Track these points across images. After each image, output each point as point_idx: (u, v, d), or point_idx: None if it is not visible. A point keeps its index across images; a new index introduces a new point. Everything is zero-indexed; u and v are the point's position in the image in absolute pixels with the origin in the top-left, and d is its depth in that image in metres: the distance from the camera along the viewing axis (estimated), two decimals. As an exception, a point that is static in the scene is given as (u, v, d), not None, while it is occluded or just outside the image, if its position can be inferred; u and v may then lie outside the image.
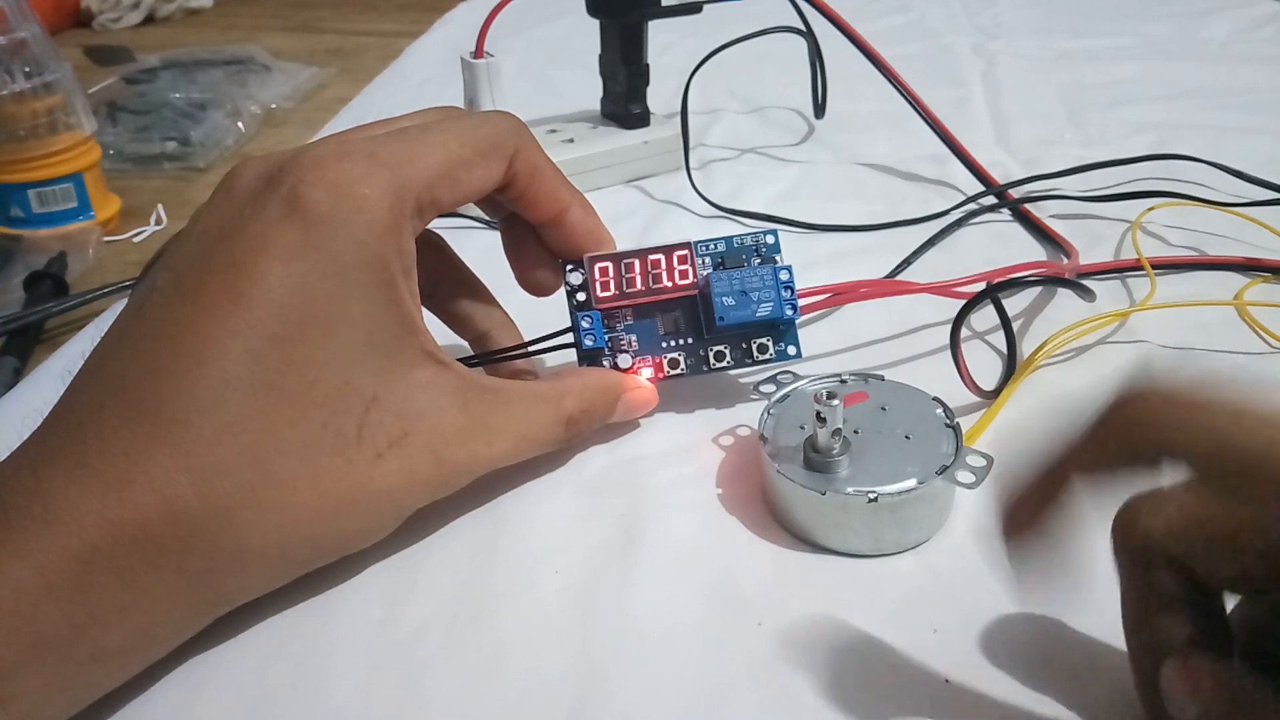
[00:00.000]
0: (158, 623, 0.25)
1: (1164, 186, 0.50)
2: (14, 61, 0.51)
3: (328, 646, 0.27)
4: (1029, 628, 0.27)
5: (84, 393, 0.26)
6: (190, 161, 0.64)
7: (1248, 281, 0.43)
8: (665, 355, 0.35)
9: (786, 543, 0.30)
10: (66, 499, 0.23)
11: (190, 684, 0.26)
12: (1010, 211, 0.51)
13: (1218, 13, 0.82)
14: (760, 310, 0.34)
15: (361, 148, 0.28)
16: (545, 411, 0.31)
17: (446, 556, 0.30)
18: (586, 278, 0.35)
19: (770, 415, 0.33)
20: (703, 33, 0.59)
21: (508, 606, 0.29)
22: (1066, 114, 0.64)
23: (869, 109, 0.64)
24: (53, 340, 0.45)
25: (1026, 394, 0.36)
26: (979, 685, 0.25)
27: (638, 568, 0.30)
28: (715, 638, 0.27)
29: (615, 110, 0.58)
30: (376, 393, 0.27)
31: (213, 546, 0.25)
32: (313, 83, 0.80)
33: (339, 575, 0.29)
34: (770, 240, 0.36)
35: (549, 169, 0.33)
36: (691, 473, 0.33)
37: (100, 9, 1.00)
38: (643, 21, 0.54)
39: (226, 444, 0.25)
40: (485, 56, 0.52)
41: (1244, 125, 0.60)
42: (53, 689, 0.23)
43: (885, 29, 0.78)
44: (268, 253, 0.26)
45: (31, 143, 0.52)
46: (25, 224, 0.54)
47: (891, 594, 0.28)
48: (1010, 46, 0.77)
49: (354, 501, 0.27)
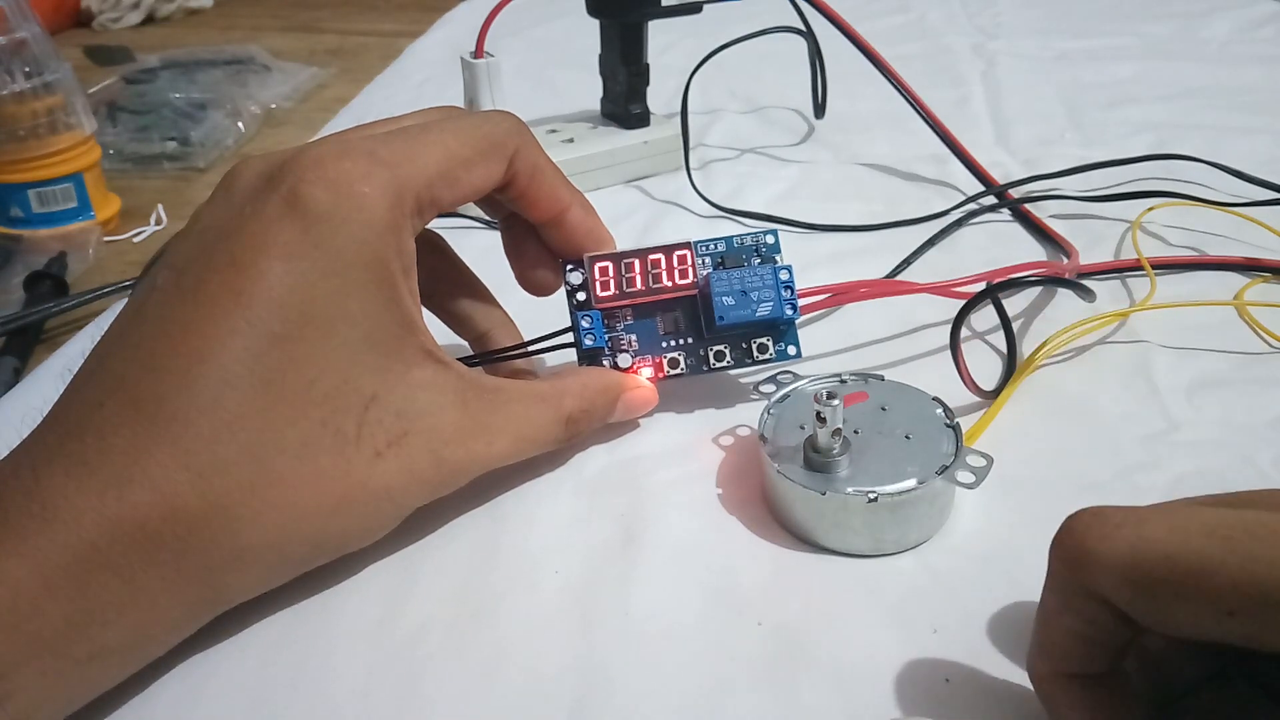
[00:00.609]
0: (156, 621, 0.25)
1: (1164, 186, 0.50)
2: (14, 61, 0.51)
3: (328, 646, 0.27)
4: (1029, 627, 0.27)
5: (84, 391, 0.26)
6: (190, 161, 0.64)
7: (1248, 281, 0.43)
8: (665, 355, 0.35)
9: (786, 543, 0.30)
10: (65, 497, 0.23)
11: (190, 683, 0.26)
12: (1010, 211, 0.51)
13: (1218, 13, 0.82)
14: (760, 310, 0.34)
15: (361, 146, 0.28)
16: (545, 411, 0.31)
17: (446, 556, 0.30)
18: (586, 277, 0.35)
19: (770, 415, 0.33)
20: (703, 33, 0.59)
21: (508, 606, 0.29)
22: (1066, 114, 0.64)
23: (869, 109, 0.64)
24: (53, 340, 0.45)
25: (1026, 394, 0.36)
26: (979, 685, 0.25)
27: (638, 568, 0.30)
28: (715, 638, 0.27)
29: (615, 110, 0.58)
30: (376, 391, 0.27)
31: (212, 545, 0.25)
32: (313, 83, 0.80)
33: (339, 575, 0.29)
34: (770, 240, 0.36)
35: (549, 169, 0.33)
36: (691, 473, 0.33)
37: (100, 9, 1.00)
38: (643, 21, 0.54)
39: (226, 442, 0.25)
40: (485, 56, 0.52)
41: (1244, 125, 0.60)
42: (51, 687, 0.23)
43: (885, 29, 0.78)
44: (268, 251, 0.26)
45: (31, 143, 0.52)
46: (25, 224, 0.54)
47: (891, 594, 0.28)
48: (1010, 46, 0.77)
49: (353, 500, 0.27)
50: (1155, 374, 0.37)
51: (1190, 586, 0.18)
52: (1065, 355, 0.39)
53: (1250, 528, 0.18)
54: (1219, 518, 0.19)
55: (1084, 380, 0.37)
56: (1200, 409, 0.35)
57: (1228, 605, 0.18)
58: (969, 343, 0.40)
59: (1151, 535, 0.19)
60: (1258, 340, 0.39)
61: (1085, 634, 0.21)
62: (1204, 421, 0.35)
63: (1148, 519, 0.20)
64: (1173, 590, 0.19)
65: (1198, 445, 0.34)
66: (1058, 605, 0.22)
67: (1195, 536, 0.19)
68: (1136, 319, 0.41)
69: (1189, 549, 0.19)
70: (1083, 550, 0.20)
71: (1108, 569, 0.20)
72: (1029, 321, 0.41)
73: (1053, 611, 0.22)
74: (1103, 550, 0.20)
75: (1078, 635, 0.21)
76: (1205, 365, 0.38)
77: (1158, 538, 0.19)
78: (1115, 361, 0.38)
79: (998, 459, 0.30)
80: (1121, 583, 0.19)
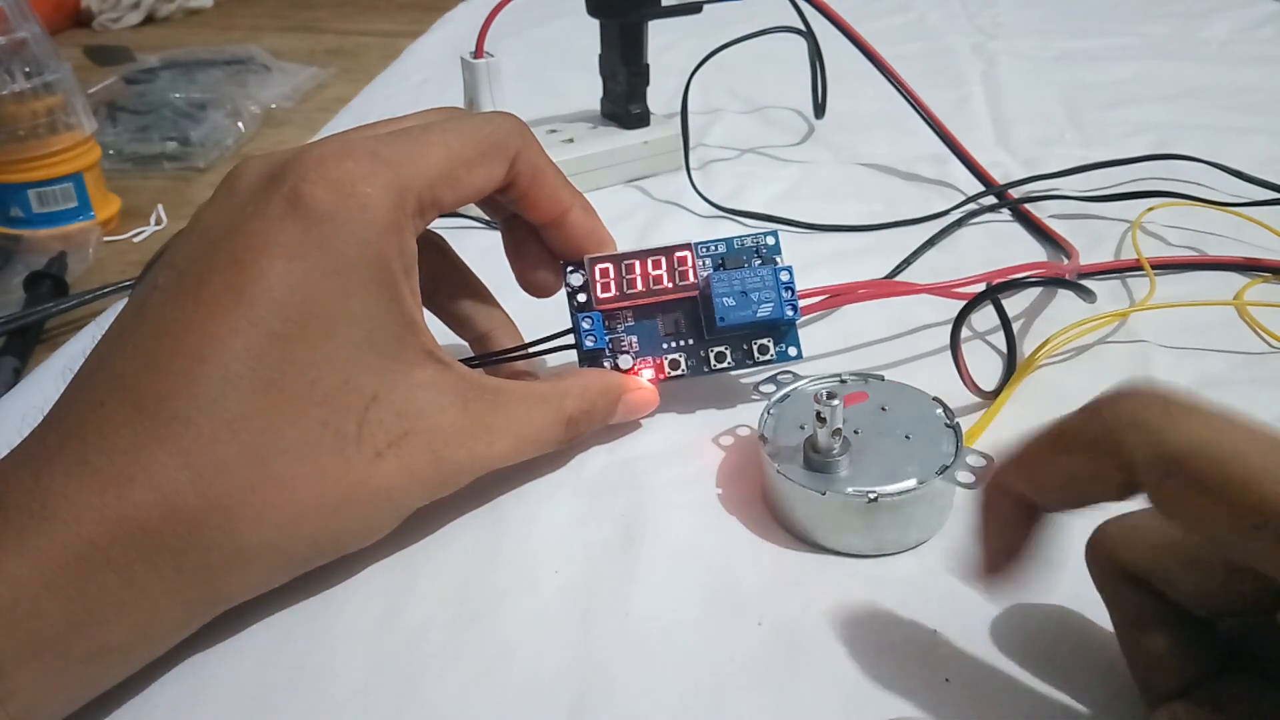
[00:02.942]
0: (156, 620, 0.25)
1: (1164, 186, 0.50)
2: (14, 61, 0.51)
3: (328, 646, 0.27)
4: (1029, 627, 0.27)
5: (84, 390, 0.26)
6: (190, 161, 0.64)
7: (1248, 281, 0.43)
8: (666, 356, 0.35)
9: (786, 543, 0.30)
10: (66, 496, 0.23)
11: (190, 683, 0.26)
12: (1010, 211, 0.51)
13: (1218, 13, 0.82)
14: (761, 311, 0.34)
15: (364, 147, 0.28)
16: (545, 412, 0.31)
17: (446, 556, 0.30)
18: (587, 279, 0.35)
19: (770, 415, 0.33)
20: (703, 33, 0.59)
21: (508, 606, 0.29)
22: (1066, 114, 0.64)
23: (869, 109, 0.64)
24: (53, 340, 0.45)
25: (1026, 394, 0.36)
26: (979, 685, 0.25)
27: (638, 567, 0.30)
28: (715, 637, 0.27)
29: (615, 110, 0.58)
30: (377, 391, 0.27)
31: (212, 544, 0.25)
32: (313, 83, 0.80)
33: (339, 575, 0.29)
34: (770, 241, 0.36)
35: (550, 170, 0.33)
36: (691, 473, 0.33)
37: (100, 9, 1.00)
38: (643, 21, 0.54)
39: (226, 442, 0.25)
40: (485, 56, 0.52)
41: (1244, 125, 0.60)
42: (51, 686, 0.23)
43: (885, 29, 0.78)
44: (269, 251, 0.26)
45: (31, 143, 0.52)
46: (25, 224, 0.54)
47: (891, 594, 0.28)
48: (1010, 46, 0.77)
49: (353, 500, 0.27)
50: (1155, 374, 0.37)
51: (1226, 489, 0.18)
52: (1065, 355, 0.39)
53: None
54: (1265, 432, 0.19)
55: (1084, 380, 0.37)
56: (1200, 409, 0.35)
57: (1257, 517, 0.18)
58: (969, 343, 0.40)
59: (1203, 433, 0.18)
60: (1258, 340, 0.39)
61: (1078, 476, 0.21)
62: (1204, 422, 0.35)
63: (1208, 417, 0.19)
64: (1208, 489, 0.18)
65: (1198, 445, 0.34)
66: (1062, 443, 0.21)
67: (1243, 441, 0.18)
68: (1136, 319, 0.41)
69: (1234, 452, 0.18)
70: (1135, 420, 0.19)
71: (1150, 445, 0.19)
72: (1029, 321, 0.41)
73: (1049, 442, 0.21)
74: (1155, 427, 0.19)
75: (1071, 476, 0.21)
76: (1205, 365, 0.38)
77: (1207, 437, 0.18)
78: (1115, 361, 0.38)
79: (998, 459, 0.30)
80: (1155, 462, 0.19)
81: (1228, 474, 0.18)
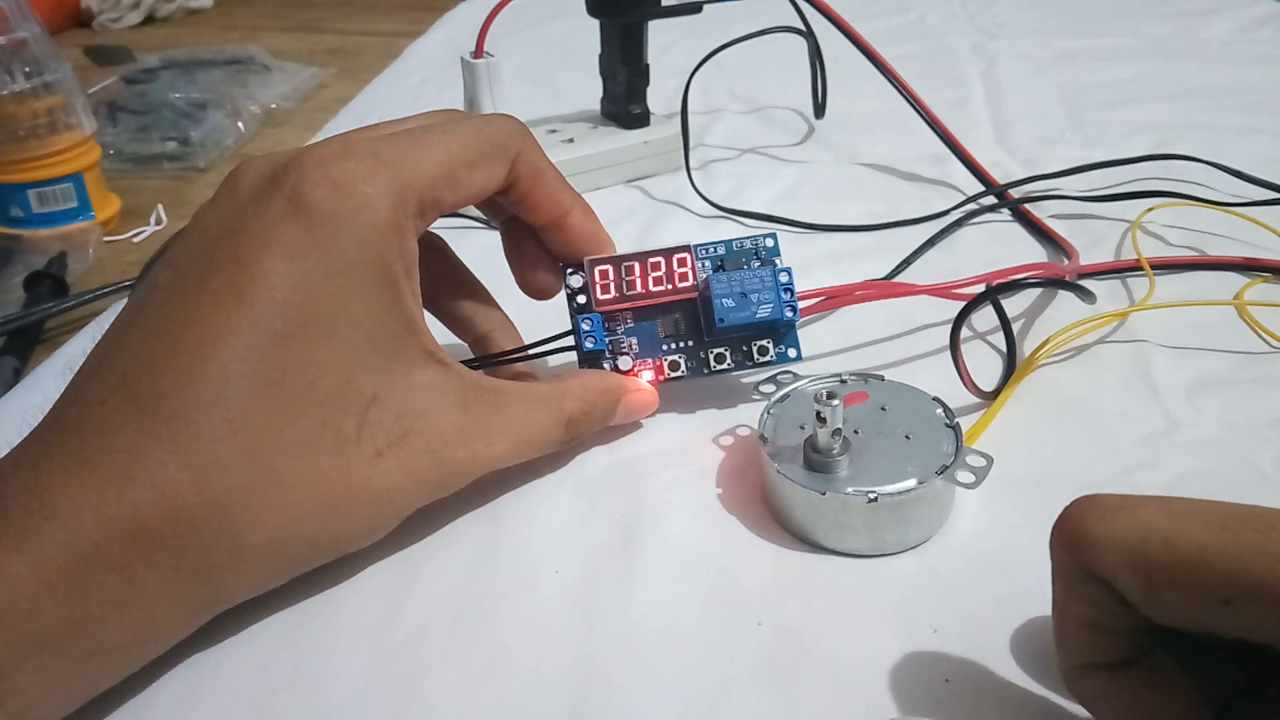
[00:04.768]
0: (156, 619, 0.25)
1: (1164, 186, 0.50)
2: (14, 61, 0.51)
3: (328, 646, 0.27)
4: (1029, 627, 0.27)
5: (85, 389, 0.26)
6: (190, 161, 0.64)
7: (1248, 281, 0.43)
8: (666, 358, 0.35)
9: (786, 543, 0.30)
10: (66, 495, 0.23)
11: (190, 683, 0.26)
12: (1010, 211, 0.51)
13: (1218, 13, 0.82)
14: (760, 312, 0.34)
15: (365, 147, 0.28)
16: (545, 413, 0.31)
17: (446, 556, 0.30)
18: (587, 280, 0.35)
19: (770, 415, 0.33)
20: (703, 33, 0.59)
21: (508, 606, 0.29)
22: (1066, 114, 0.64)
23: (869, 109, 0.64)
24: (53, 340, 0.45)
25: (1026, 394, 0.36)
26: (979, 685, 0.25)
27: (638, 568, 0.30)
28: (715, 638, 0.27)
29: (615, 110, 0.58)
30: (377, 392, 0.27)
31: (211, 543, 0.25)
32: (313, 83, 0.80)
33: (339, 575, 0.29)
34: (769, 243, 0.36)
35: (550, 172, 0.33)
36: (691, 473, 0.33)
37: (100, 9, 1.00)
38: (643, 21, 0.54)
39: (226, 441, 0.25)
40: (485, 56, 0.52)
41: (1244, 125, 0.60)
42: (51, 685, 0.23)
43: (885, 29, 0.78)
44: (270, 250, 0.26)
45: (31, 143, 0.52)
46: (25, 224, 0.54)
47: (891, 594, 0.28)
48: (1010, 46, 0.77)
49: (353, 500, 0.27)
50: (1155, 374, 0.37)
51: (1187, 573, 0.19)
52: (1065, 355, 0.39)
53: (1247, 519, 0.19)
54: (1216, 509, 0.19)
55: (1084, 380, 0.37)
56: (1200, 409, 0.35)
57: (1224, 594, 0.18)
58: (969, 343, 0.40)
59: (1149, 520, 0.19)
60: (1258, 340, 0.39)
61: (1095, 620, 0.21)
62: (1204, 421, 0.35)
63: (1145, 505, 0.20)
64: (1169, 576, 0.19)
65: (1197, 445, 0.34)
66: (1064, 593, 0.22)
67: (1193, 524, 0.19)
68: (1136, 319, 0.41)
69: (1186, 535, 0.19)
70: (1081, 534, 0.20)
71: (1106, 551, 0.20)
72: (1029, 321, 0.41)
73: (1061, 601, 0.22)
74: (1099, 532, 0.20)
75: (1087, 623, 0.21)
76: (1205, 365, 0.38)
77: (1156, 523, 0.19)
78: (1115, 361, 0.38)
79: (998, 459, 0.30)
80: (1120, 565, 0.19)
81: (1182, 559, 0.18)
